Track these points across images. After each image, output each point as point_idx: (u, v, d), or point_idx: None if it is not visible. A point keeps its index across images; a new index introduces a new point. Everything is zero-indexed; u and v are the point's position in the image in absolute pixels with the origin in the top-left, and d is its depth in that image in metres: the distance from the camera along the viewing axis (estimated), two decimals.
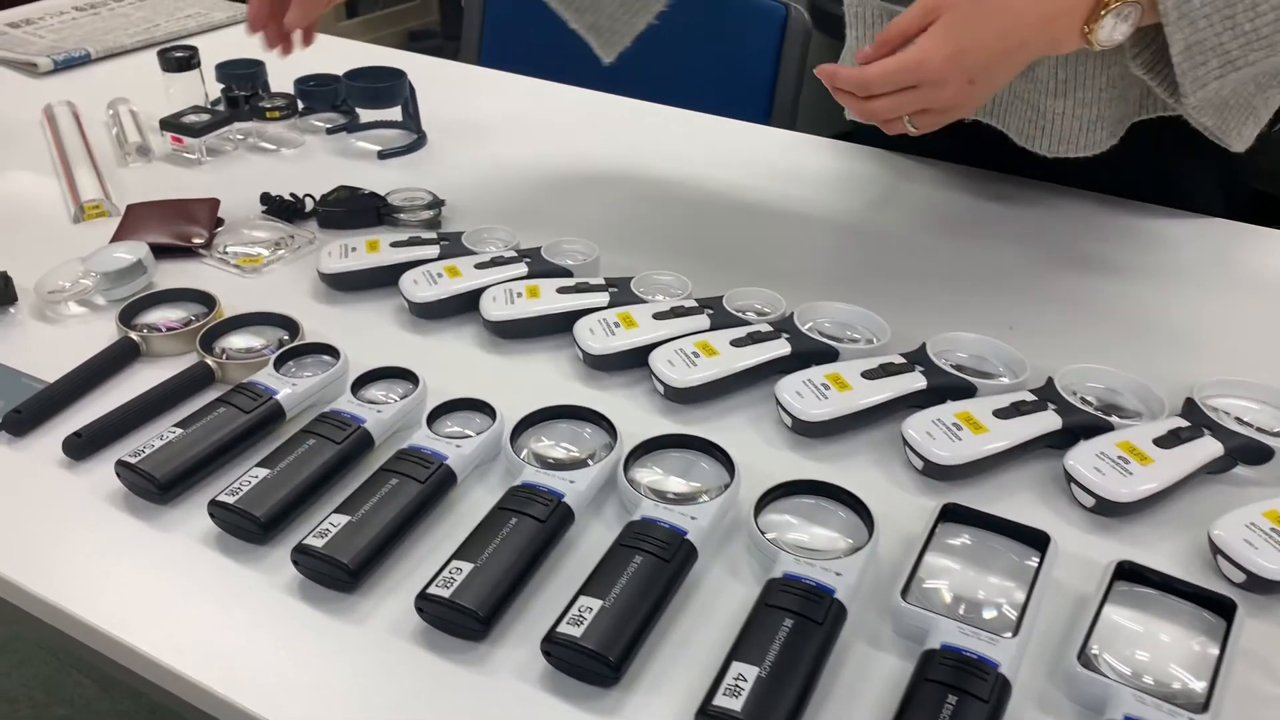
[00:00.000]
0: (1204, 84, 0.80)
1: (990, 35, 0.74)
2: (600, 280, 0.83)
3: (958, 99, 0.76)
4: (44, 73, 1.27)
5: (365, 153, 1.11)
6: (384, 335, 0.83)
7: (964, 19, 0.74)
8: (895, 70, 0.74)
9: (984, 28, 0.74)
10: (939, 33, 0.74)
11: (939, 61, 0.74)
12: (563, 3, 0.96)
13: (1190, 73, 0.79)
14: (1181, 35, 0.78)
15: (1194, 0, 0.77)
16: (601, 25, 0.97)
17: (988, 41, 0.75)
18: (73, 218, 0.97)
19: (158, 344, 0.79)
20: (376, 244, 0.88)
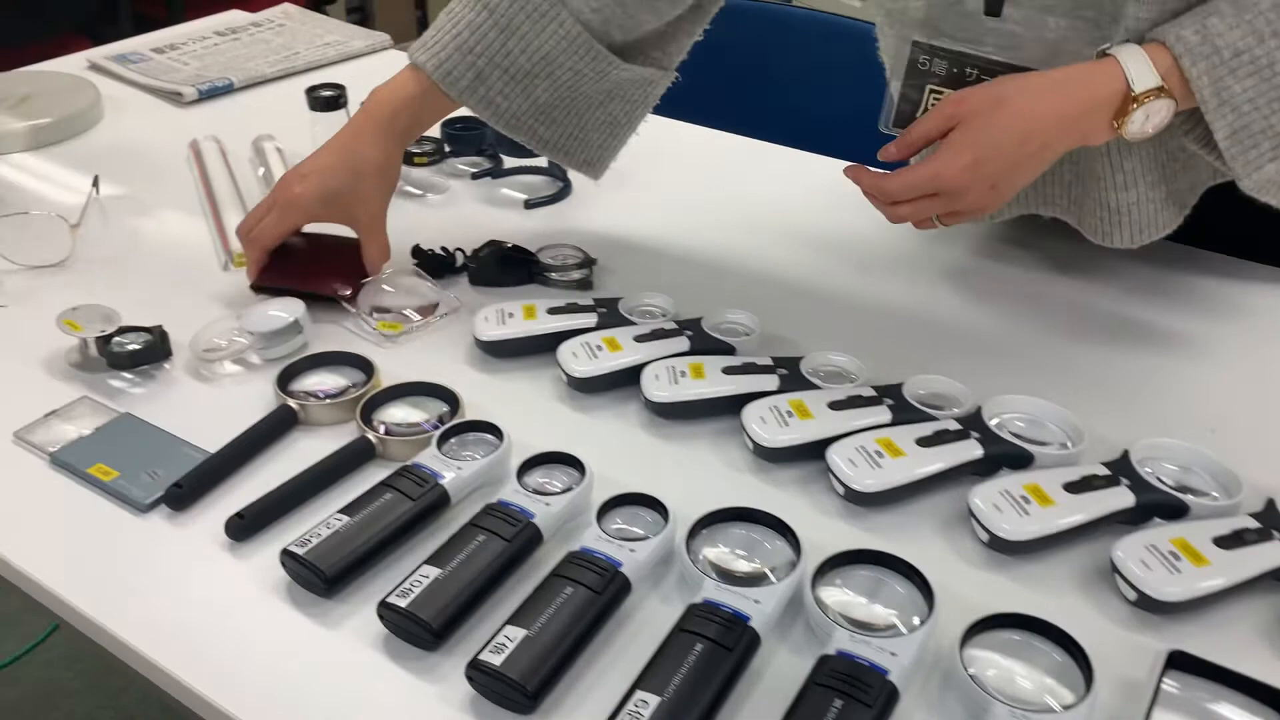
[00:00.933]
0: (1258, 166, 0.76)
1: (1009, 143, 0.75)
2: (767, 360, 0.79)
3: (981, 203, 0.77)
4: (188, 102, 1.28)
5: (511, 201, 1.09)
6: (542, 409, 0.80)
7: (983, 127, 0.75)
8: (915, 182, 0.76)
9: (1003, 135, 0.75)
10: (957, 142, 0.75)
11: (956, 172, 0.75)
12: (553, 150, 0.95)
13: (1240, 157, 0.76)
14: (1225, 122, 0.74)
15: (1234, 86, 0.73)
16: (592, 159, 0.98)
17: (1007, 149, 0.75)
18: (222, 265, 0.96)
19: (316, 412, 0.77)
20: (533, 310, 0.85)
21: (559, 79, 0.90)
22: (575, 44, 0.88)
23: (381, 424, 0.76)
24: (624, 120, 0.96)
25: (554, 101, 0.91)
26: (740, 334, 0.84)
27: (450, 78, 0.88)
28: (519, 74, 0.89)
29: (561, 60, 0.88)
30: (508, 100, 0.90)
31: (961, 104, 0.75)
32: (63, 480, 0.73)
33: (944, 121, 0.76)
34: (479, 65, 0.88)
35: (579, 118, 0.94)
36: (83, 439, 0.75)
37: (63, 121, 1.19)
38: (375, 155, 0.89)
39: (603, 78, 0.91)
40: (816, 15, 1.48)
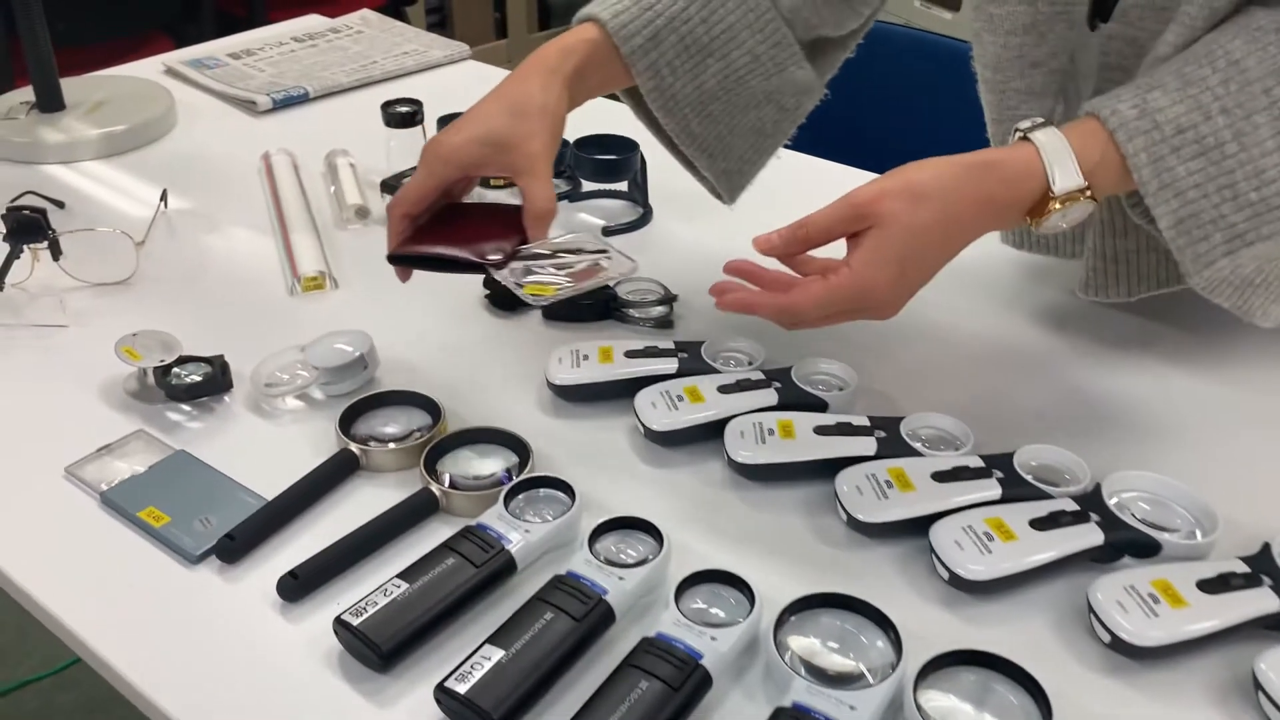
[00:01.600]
0: (1209, 262, 0.68)
1: (933, 248, 0.67)
2: (864, 420, 0.73)
3: (894, 312, 0.69)
4: (262, 111, 1.25)
5: (588, 226, 1.04)
6: (617, 462, 0.74)
7: (905, 232, 0.65)
8: (830, 301, 0.66)
9: (927, 240, 0.66)
10: (876, 253, 0.65)
11: (882, 289, 0.66)
12: (699, 149, 0.87)
13: (1189, 249, 0.68)
14: (1168, 209, 0.66)
15: (1177, 168, 0.65)
16: (731, 170, 0.89)
17: (930, 256, 0.67)
18: (289, 289, 0.92)
19: (379, 458, 0.73)
20: (610, 352, 0.80)
21: (733, 62, 0.82)
22: (763, 22, 0.81)
23: (446, 475, 0.71)
24: (770, 131, 0.88)
25: (717, 91, 0.83)
26: (834, 388, 0.78)
27: (625, 31, 0.79)
28: (695, 47, 0.80)
29: (743, 39, 0.81)
30: (674, 76, 0.81)
31: (873, 204, 0.65)
32: (111, 522, 0.69)
33: (851, 221, 0.66)
34: (657, 25, 0.79)
35: (731, 118, 0.85)
36: (135, 478, 0.71)
37: (136, 129, 1.17)
38: (538, 93, 0.76)
39: (777, 72, 0.83)
40: (909, 32, 1.41)
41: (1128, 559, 0.65)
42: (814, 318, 0.67)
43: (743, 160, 0.90)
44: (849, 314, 0.68)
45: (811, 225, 0.68)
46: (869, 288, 0.66)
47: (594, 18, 0.80)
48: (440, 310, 0.91)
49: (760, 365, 0.80)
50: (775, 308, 0.68)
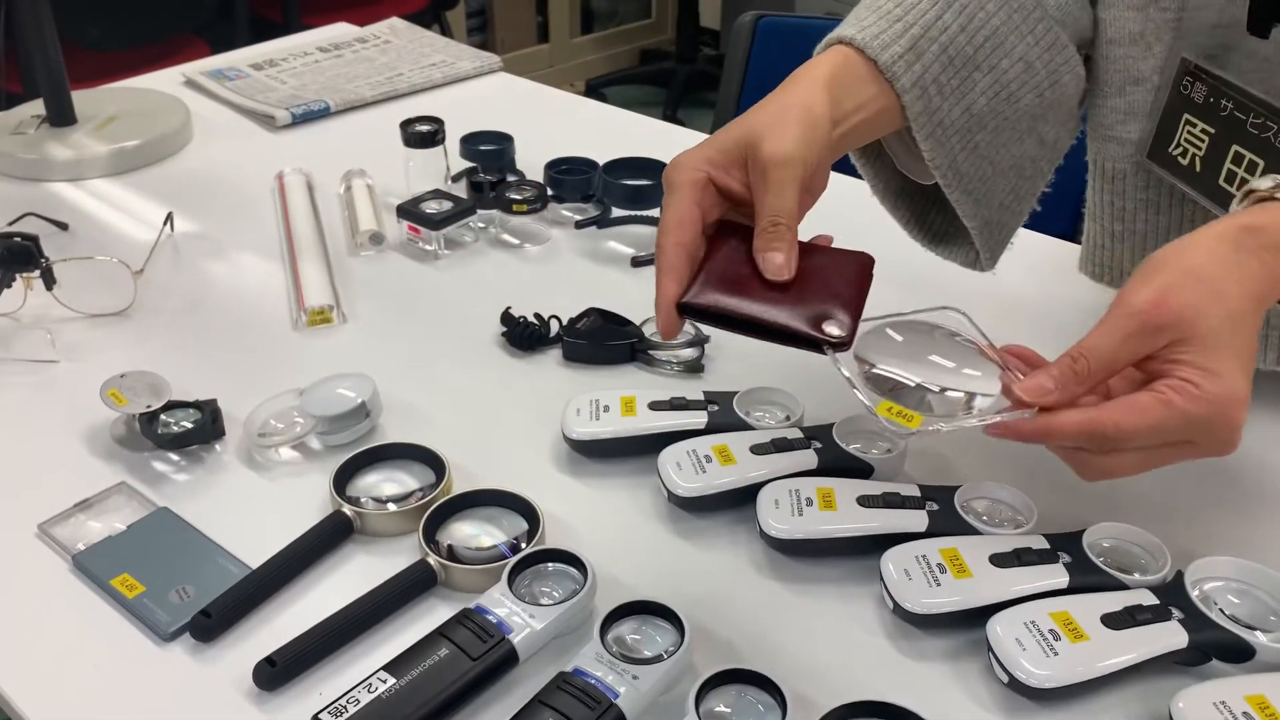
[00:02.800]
0: None
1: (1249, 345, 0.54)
2: (914, 490, 0.65)
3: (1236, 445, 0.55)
4: (281, 126, 1.19)
5: (616, 256, 0.97)
6: (637, 529, 0.67)
7: (1228, 327, 0.53)
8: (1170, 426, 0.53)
9: (1250, 328, 0.54)
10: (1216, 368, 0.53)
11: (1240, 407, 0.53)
12: (965, 191, 0.72)
13: None
14: None
15: None
16: (992, 220, 0.75)
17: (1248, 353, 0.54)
18: (294, 323, 0.86)
19: (375, 521, 0.66)
20: (633, 404, 0.73)
21: (1003, 74, 0.69)
22: (1031, 22, 0.69)
23: (447, 543, 0.64)
24: (1030, 172, 0.75)
25: (985, 114, 0.70)
26: (879, 449, 0.70)
27: (880, 41, 0.65)
28: (959, 59, 0.67)
29: (1012, 44, 0.68)
30: (942, 95, 0.67)
31: (1161, 309, 0.53)
32: (82, 588, 0.63)
33: (1143, 340, 0.54)
34: (913, 34, 0.66)
35: (995, 151, 0.72)
36: (111, 539, 0.65)
37: (148, 145, 1.12)
38: (795, 96, 0.62)
39: (1051, 84, 0.71)
40: None
41: (1216, 662, 0.57)
42: (1136, 448, 0.55)
43: (1004, 209, 0.76)
44: (1185, 447, 0.55)
45: (1091, 353, 0.54)
46: (1228, 406, 0.53)
47: (838, 39, 0.67)
48: (452, 347, 0.84)
49: (798, 421, 0.72)
50: (1089, 427, 0.54)
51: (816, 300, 0.57)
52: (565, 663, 0.55)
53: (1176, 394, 0.53)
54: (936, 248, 0.80)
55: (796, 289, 0.58)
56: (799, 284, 0.58)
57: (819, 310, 0.57)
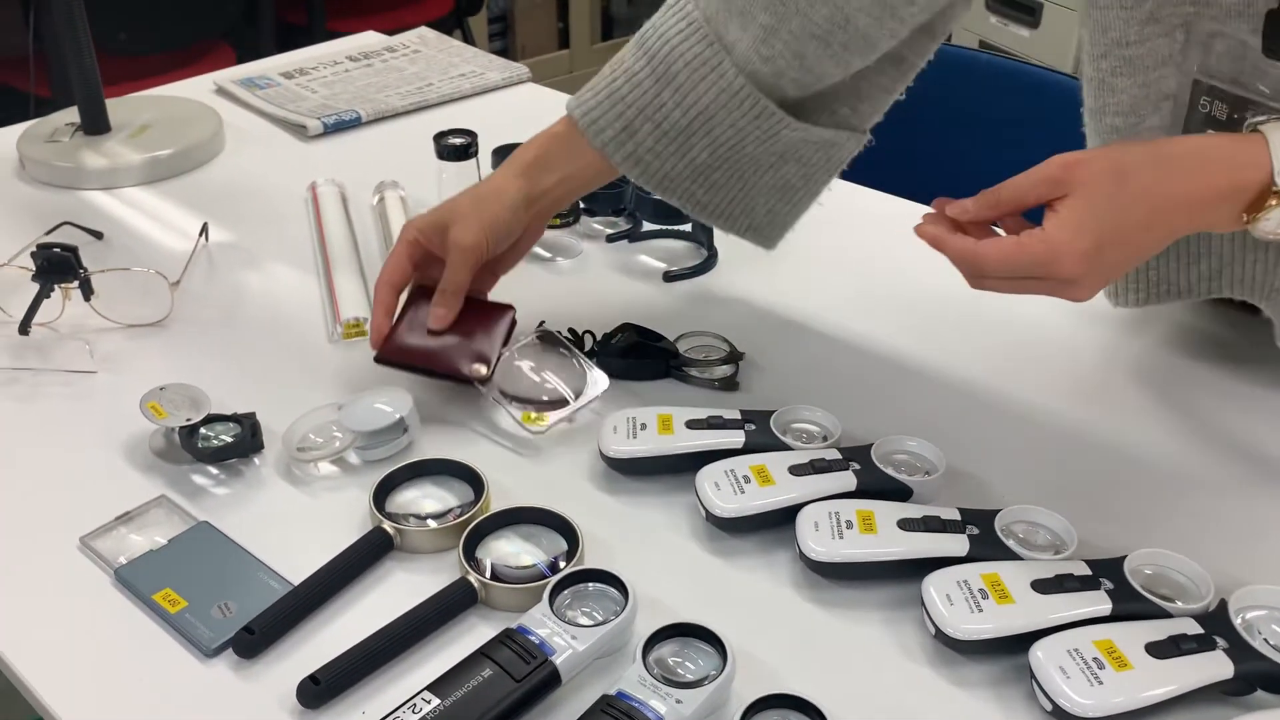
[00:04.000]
0: None
1: (1133, 226, 0.61)
2: (954, 513, 0.65)
3: (1086, 295, 0.63)
4: (313, 135, 1.20)
5: (648, 270, 0.97)
6: (675, 550, 0.67)
7: (1103, 204, 0.61)
8: (1021, 263, 0.62)
9: (1125, 216, 0.61)
10: (1072, 221, 0.61)
11: (1073, 259, 0.61)
12: (712, 214, 0.82)
13: None
14: None
15: None
16: (759, 224, 0.84)
17: (1130, 234, 0.62)
18: (329, 335, 0.87)
19: (415, 539, 0.66)
20: (670, 422, 0.73)
21: (719, 138, 0.77)
22: (737, 99, 0.76)
23: (487, 562, 0.64)
24: (800, 185, 0.82)
25: (713, 163, 0.79)
26: (919, 471, 0.70)
27: (596, 126, 0.78)
28: (673, 130, 0.77)
29: (721, 117, 0.76)
30: (659, 160, 0.78)
31: (1074, 169, 0.61)
32: (125, 602, 0.63)
33: (1048, 187, 0.62)
34: (628, 116, 0.77)
35: (743, 181, 0.81)
36: (152, 553, 0.65)
37: (181, 154, 1.12)
38: (493, 185, 0.80)
39: (771, 138, 0.78)
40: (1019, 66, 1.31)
41: (1261, 692, 0.57)
42: (998, 275, 0.63)
43: (772, 213, 0.84)
44: (1036, 284, 0.63)
45: (1005, 189, 0.64)
46: (1058, 254, 0.60)
47: (568, 110, 0.80)
48: None
49: (836, 442, 0.72)
50: (961, 251, 0.63)
51: (469, 347, 0.79)
52: (606, 684, 0.55)
53: (1028, 236, 0.61)
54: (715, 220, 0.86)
55: (458, 339, 0.79)
56: (460, 334, 0.79)
57: (470, 355, 0.78)
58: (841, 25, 0.73)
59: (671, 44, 0.76)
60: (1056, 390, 0.81)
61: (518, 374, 0.79)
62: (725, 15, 0.75)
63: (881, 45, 0.76)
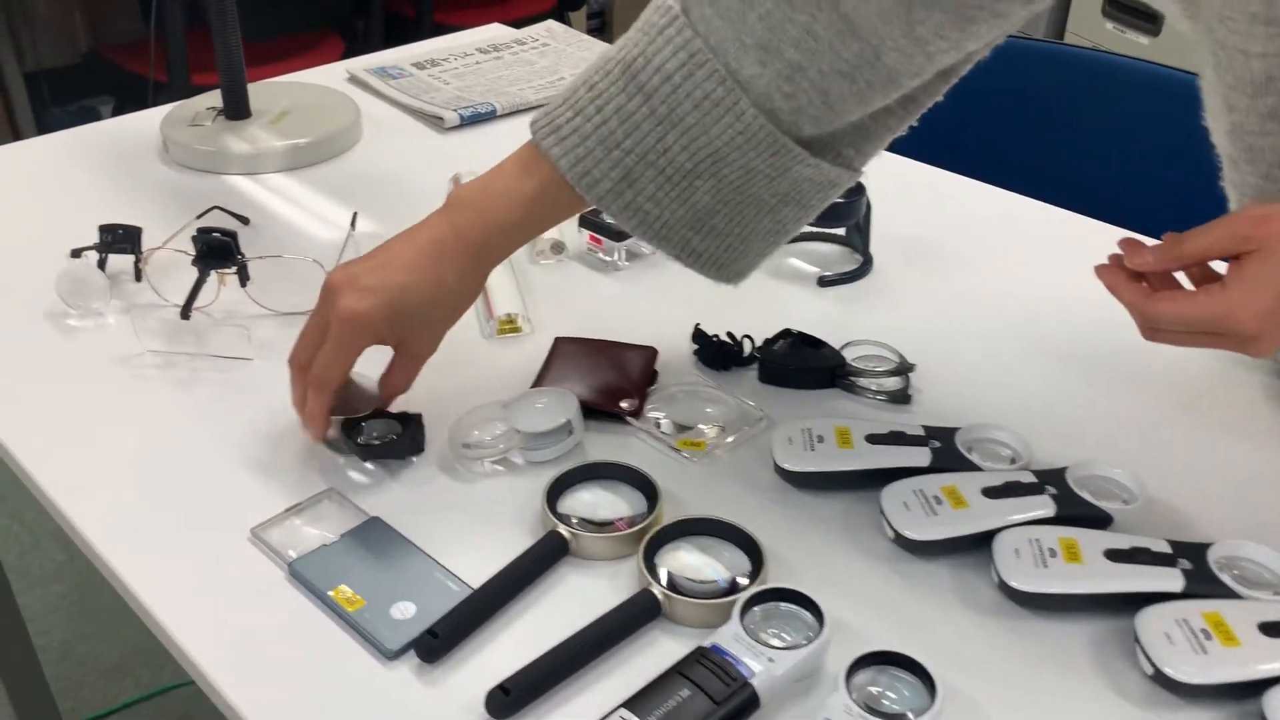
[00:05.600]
0: None
1: None
2: (1163, 545, 0.62)
3: (1267, 351, 0.60)
4: (449, 128, 1.19)
5: (799, 274, 0.94)
6: (860, 570, 0.64)
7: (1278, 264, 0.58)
8: (1194, 318, 0.60)
9: None
10: (1254, 280, 0.58)
11: (1252, 317, 0.58)
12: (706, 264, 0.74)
13: None
14: None
15: None
16: (744, 269, 0.76)
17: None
18: (483, 332, 0.85)
19: (591, 545, 0.64)
20: (848, 435, 0.70)
21: (725, 178, 0.69)
22: (755, 140, 0.67)
23: (665, 573, 0.62)
24: (791, 228, 0.75)
25: (714, 206, 0.70)
26: (1116, 498, 0.66)
27: (589, 179, 0.68)
28: (677, 175, 0.68)
29: (733, 159, 0.68)
30: (659, 207, 0.69)
31: (1263, 224, 0.58)
32: (299, 597, 0.62)
33: (1235, 242, 0.59)
34: (627, 164, 0.67)
35: (743, 226, 0.72)
36: (325, 548, 0.64)
37: (321, 142, 1.12)
38: (458, 285, 0.71)
39: (781, 175, 0.69)
40: (1143, 66, 1.26)
41: None
42: (1171, 329, 0.61)
43: (761, 255, 0.76)
44: (1211, 338, 0.60)
45: (1189, 241, 0.61)
46: (1232, 312, 0.58)
47: (550, 158, 0.69)
48: None
49: (1027, 464, 0.69)
50: (1135, 303, 0.62)
51: (618, 381, 0.77)
52: (799, 712, 0.53)
53: (1203, 294, 0.59)
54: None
55: (609, 377, 0.77)
56: (611, 373, 0.78)
57: (620, 388, 0.77)
58: (870, 62, 0.66)
59: (674, 81, 0.66)
60: (1261, 418, 0.77)
61: (669, 404, 0.77)
62: (739, 48, 0.65)
63: (905, 84, 0.68)
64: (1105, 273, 0.63)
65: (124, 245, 0.89)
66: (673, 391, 0.78)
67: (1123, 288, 0.62)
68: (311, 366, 0.70)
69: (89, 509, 0.68)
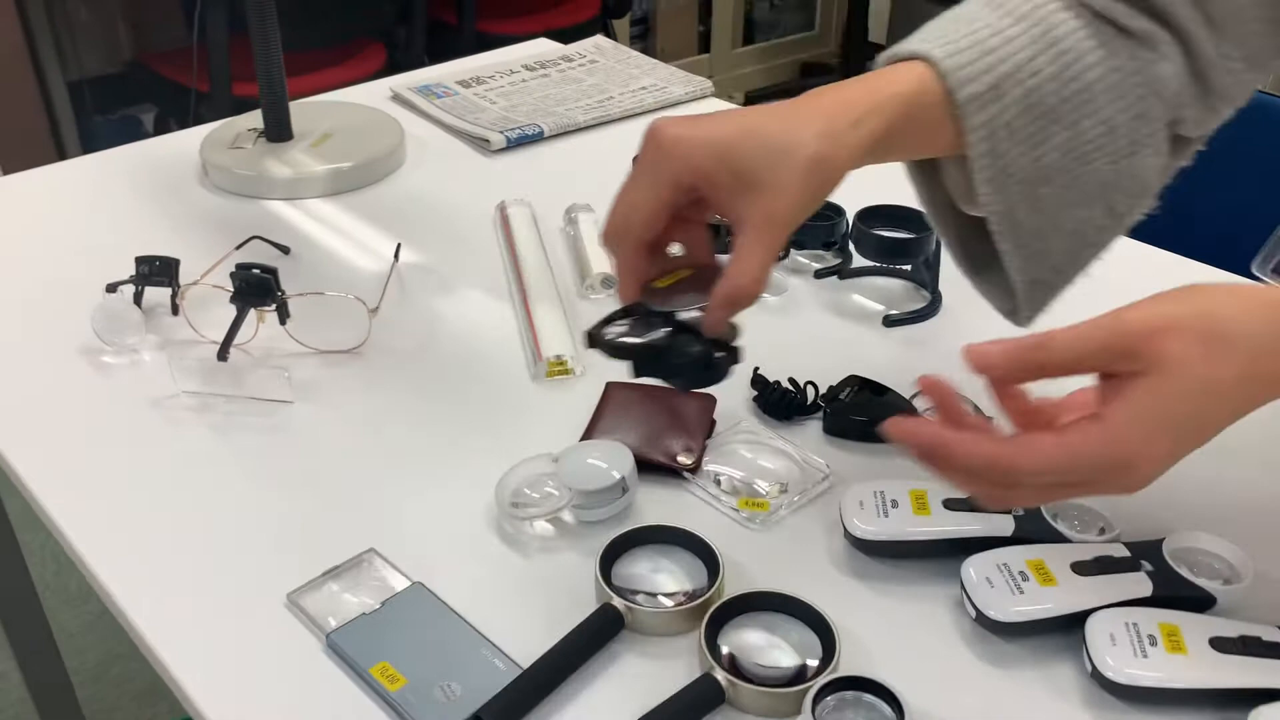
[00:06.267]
0: None
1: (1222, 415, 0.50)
2: (1275, 633, 0.56)
3: (1135, 490, 0.50)
4: (495, 150, 1.15)
5: (864, 312, 0.89)
6: (940, 656, 0.59)
7: (1194, 390, 0.48)
8: (1067, 467, 0.49)
9: (1219, 403, 0.49)
10: (1150, 412, 0.48)
11: (1149, 464, 0.49)
12: (1018, 245, 0.65)
13: None
14: None
15: None
16: (1041, 280, 0.68)
17: (1216, 422, 0.50)
18: (532, 374, 0.81)
19: (648, 620, 0.60)
20: (924, 499, 0.65)
21: (1083, 134, 0.62)
22: (1128, 85, 0.62)
23: (728, 653, 0.58)
24: (1092, 239, 0.68)
25: (1053, 170, 0.64)
26: (1218, 576, 0.61)
27: (963, 74, 0.60)
28: (1040, 108, 0.62)
29: (1100, 104, 0.62)
30: (1012, 141, 0.62)
31: (1158, 341, 0.48)
32: (337, 673, 0.58)
33: (1113, 358, 0.50)
34: (1000, 72, 0.60)
35: (1059, 211, 0.66)
36: (365, 617, 0.60)
37: (364, 166, 1.09)
38: (813, 143, 0.56)
39: (1128, 155, 0.64)
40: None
41: None
42: (1032, 485, 0.50)
43: (1056, 271, 0.69)
44: (1084, 487, 0.51)
45: (1056, 348, 0.50)
46: (1128, 459, 0.48)
47: (923, 55, 0.61)
48: None
49: (1118, 536, 0.64)
50: (983, 458, 0.50)
51: (674, 433, 0.72)
52: None
53: (1080, 434, 0.49)
54: (975, 278, 0.71)
55: (665, 428, 0.73)
56: (667, 425, 0.73)
57: (676, 442, 0.72)
58: None
59: (1047, 8, 0.61)
60: None
61: (728, 458, 0.73)
62: None
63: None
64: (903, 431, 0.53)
65: (161, 278, 0.86)
66: (732, 444, 0.74)
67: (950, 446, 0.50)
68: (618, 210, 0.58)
69: (115, 565, 0.65)
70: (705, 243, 0.62)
